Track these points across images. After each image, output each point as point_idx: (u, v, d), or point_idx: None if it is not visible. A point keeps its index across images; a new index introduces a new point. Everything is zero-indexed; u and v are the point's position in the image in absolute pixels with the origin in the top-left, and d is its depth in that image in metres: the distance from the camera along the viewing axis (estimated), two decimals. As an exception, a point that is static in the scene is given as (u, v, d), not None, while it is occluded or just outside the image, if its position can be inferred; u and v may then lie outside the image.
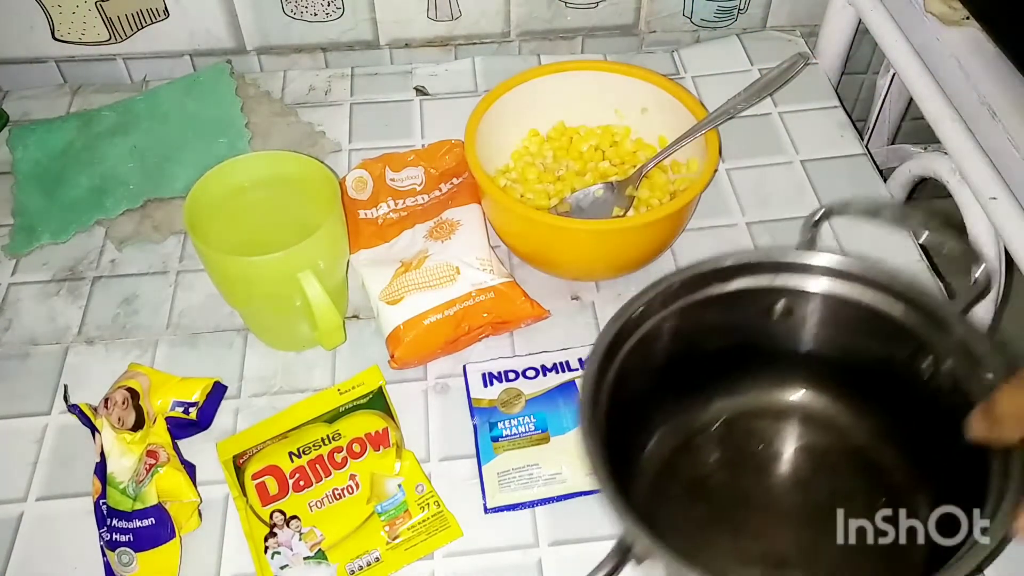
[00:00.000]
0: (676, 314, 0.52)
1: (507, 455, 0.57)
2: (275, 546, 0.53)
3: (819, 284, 0.53)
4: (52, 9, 0.81)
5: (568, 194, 0.68)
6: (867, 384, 0.54)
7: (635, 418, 0.54)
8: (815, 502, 0.54)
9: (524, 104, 0.70)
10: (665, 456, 0.55)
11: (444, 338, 0.61)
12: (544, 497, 0.55)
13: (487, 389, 0.61)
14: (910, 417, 0.52)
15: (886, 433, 0.54)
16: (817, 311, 0.54)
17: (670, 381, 0.55)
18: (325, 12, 0.84)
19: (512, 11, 0.86)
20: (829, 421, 0.56)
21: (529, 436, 0.58)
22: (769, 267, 0.53)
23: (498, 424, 0.58)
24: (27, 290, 0.69)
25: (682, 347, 0.54)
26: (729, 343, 0.56)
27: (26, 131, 0.79)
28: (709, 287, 0.53)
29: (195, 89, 0.81)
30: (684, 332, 0.53)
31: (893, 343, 0.51)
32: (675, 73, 0.86)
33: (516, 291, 0.63)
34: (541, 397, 0.60)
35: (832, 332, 0.54)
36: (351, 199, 0.70)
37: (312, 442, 0.57)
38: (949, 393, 0.48)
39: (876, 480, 0.53)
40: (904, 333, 0.50)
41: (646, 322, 0.51)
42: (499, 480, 0.56)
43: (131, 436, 0.56)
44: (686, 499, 0.55)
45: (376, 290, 0.64)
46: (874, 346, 0.52)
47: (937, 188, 0.73)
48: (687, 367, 0.55)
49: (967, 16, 0.68)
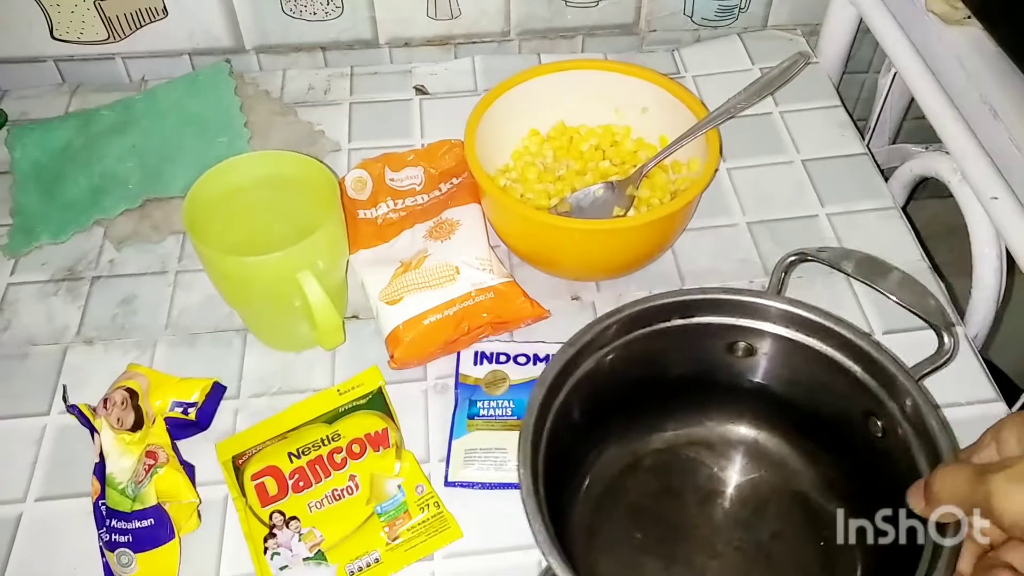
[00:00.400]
0: (635, 340, 0.53)
1: (479, 434, 0.58)
2: (274, 547, 0.53)
3: (780, 329, 0.53)
4: (51, 8, 0.81)
5: (568, 194, 0.68)
6: (820, 432, 0.55)
7: (586, 437, 0.54)
8: (753, 541, 0.54)
9: (524, 104, 0.70)
10: (612, 476, 0.56)
11: (444, 338, 0.61)
12: (504, 482, 0.56)
13: (476, 367, 0.62)
14: (858, 472, 0.53)
15: (832, 483, 0.54)
16: (779, 355, 0.54)
17: (626, 403, 0.55)
18: (324, 11, 0.84)
19: (512, 10, 0.86)
20: (778, 462, 0.56)
21: (504, 420, 0.58)
22: (732, 306, 0.53)
23: (478, 403, 0.59)
24: (26, 290, 0.69)
25: (641, 372, 0.54)
26: (688, 372, 0.56)
27: (25, 131, 0.79)
28: (671, 319, 0.53)
29: (194, 88, 0.81)
30: (643, 359, 0.54)
31: (850, 398, 0.51)
32: (676, 72, 0.85)
33: (516, 291, 0.63)
34: (525, 384, 0.60)
35: (791, 376, 0.55)
36: (350, 199, 0.70)
37: (312, 443, 0.57)
38: (898, 457, 0.48)
39: (816, 528, 0.53)
40: (861, 390, 0.50)
41: (604, 347, 0.52)
42: (465, 457, 0.57)
43: (130, 436, 0.56)
44: (627, 521, 0.55)
45: (375, 290, 0.64)
46: (831, 397, 0.53)
47: (938, 188, 0.73)
48: (644, 391, 0.55)
49: (968, 15, 0.68)
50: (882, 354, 0.49)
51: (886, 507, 0.47)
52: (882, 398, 0.50)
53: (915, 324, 0.55)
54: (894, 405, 0.49)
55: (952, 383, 0.61)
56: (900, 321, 0.62)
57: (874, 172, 0.76)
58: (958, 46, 0.68)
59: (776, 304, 0.53)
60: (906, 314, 0.54)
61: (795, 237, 0.70)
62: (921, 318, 0.53)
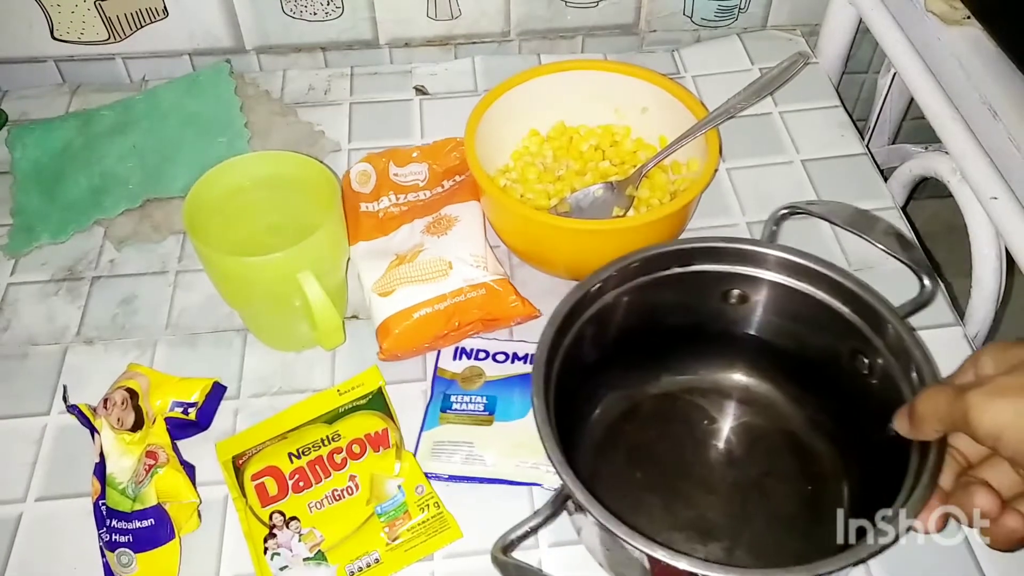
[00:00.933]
0: (635, 289, 0.56)
1: (449, 427, 0.58)
2: (275, 547, 0.53)
3: (774, 276, 0.56)
4: (51, 8, 0.81)
5: (568, 194, 0.68)
6: (808, 375, 0.58)
7: (587, 383, 0.57)
8: (746, 478, 0.57)
9: (524, 104, 0.70)
10: (612, 422, 0.59)
11: (433, 333, 0.61)
12: (465, 475, 0.56)
13: (455, 362, 0.62)
14: (844, 409, 0.56)
15: (820, 421, 0.58)
16: (771, 301, 0.57)
17: (624, 352, 0.58)
18: (324, 11, 0.84)
19: (512, 10, 0.86)
20: (769, 404, 0.60)
21: (474, 415, 0.59)
22: (729, 254, 0.56)
23: (451, 397, 0.60)
24: (26, 290, 0.69)
25: (638, 321, 0.57)
26: (683, 322, 0.59)
27: (25, 131, 0.79)
28: (669, 268, 0.56)
29: (194, 89, 0.81)
30: (642, 307, 0.57)
31: (838, 338, 0.54)
32: (675, 72, 0.85)
33: (508, 289, 0.63)
34: (500, 382, 0.60)
35: (782, 323, 0.58)
36: (354, 191, 0.71)
37: (312, 443, 0.57)
38: (882, 390, 0.52)
39: (805, 464, 0.57)
40: (849, 330, 0.54)
41: (605, 295, 0.55)
42: (432, 448, 0.57)
43: (130, 436, 0.56)
44: (626, 464, 0.58)
45: (370, 281, 0.64)
46: (820, 340, 0.56)
47: (938, 187, 0.73)
48: (642, 340, 0.59)
49: (968, 15, 0.68)
50: (870, 294, 0.52)
51: (871, 439, 0.51)
52: (868, 335, 0.53)
53: (893, 275, 0.60)
54: (880, 341, 0.52)
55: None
56: (880, 280, 0.63)
57: (874, 172, 0.76)
58: (958, 46, 0.68)
59: (771, 251, 0.55)
60: (886, 268, 0.61)
61: (794, 236, 0.70)
62: (905, 263, 0.57)
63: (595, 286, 0.54)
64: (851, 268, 0.66)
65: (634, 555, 0.45)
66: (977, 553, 0.53)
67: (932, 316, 0.65)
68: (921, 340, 0.51)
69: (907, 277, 0.57)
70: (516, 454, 0.56)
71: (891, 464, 0.48)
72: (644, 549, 0.43)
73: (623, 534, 0.43)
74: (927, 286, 0.56)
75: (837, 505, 0.54)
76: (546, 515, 0.47)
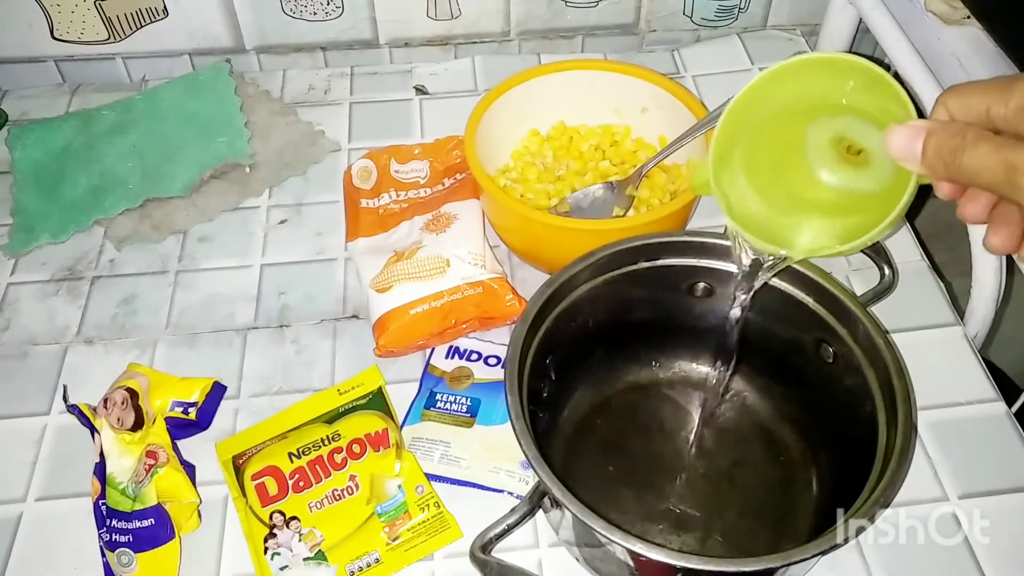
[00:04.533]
0: (603, 285, 0.56)
1: (430, 424, 0.58)
2: (275, 547, 0.53)
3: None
4: (51, 8, 0.81)
5: (568, 194, 0.68)
6: (774, 365, 0.59)
7: (558, 379, 0.57)
8: (717, 469, 0.58)
9: (524, 104, 0.70)
10: (583, 416, 0.60)
11: (430, 330, 0.61)
12: (440, 474, 0.56)
13: (446, 360, 0.62)
14: (811, 398, 0.57)
15: (787, 411, 0.59)
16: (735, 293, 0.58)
17: (594, 346, 0.59)
18: (324, 11, 0.84)
19: (512, 10, 0.86)
20: (737, 396, 0.61)
21: (456, 416, 0.59)
22: (695, 248, 0.57)
23: (437, 395, 0.60)
24: (26, 290, 0.69)
25: (607, 316, 0.58)
26: (651, 315, 0.60)
27: (25, 130, 0.79)
28: (636, 263, 0.56)
29: (194, 88, 0.81)
30: (610, 302, 0.57)
31: (803, 328, 0.55)
32: (675, 72, 0.85)
33: (505, 288, 0.63)
34: (487, 385, 0.60)
35: (747, 315, 0.57)
36: (354, 187, 0.71)
37: (312, 443, 0.57)
38: (848, 377, 0.53)
39: (774, 453, 0.58)
40: (813, 319, 0.55)
41: (574, 291, 0.56)
42: (409, 444, 0.58)
43: (130, 436, 0.56)
44: (599, 457, 0.58)
45: (368, 277, 0.64)
46: (785, 331, 0.57)
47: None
48: (610, 334, 0.59)
49: (968, 15, 0.68)
50: (832, 284, 0.53)
51: (837, 429, 0.54)
52: (832, 325, 0.53)
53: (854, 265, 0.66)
54: (844, 330, 0.53)
55: (952, 383, 0.61)
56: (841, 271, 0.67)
57: (874, 172, 0.76)
58: (957, 46, 0.68)
59: None
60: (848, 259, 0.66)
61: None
62: (865, 254, 0.61)
63: (564, 282, 0.55)
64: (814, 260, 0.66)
65: (610, 549, 0.46)
66: (977, 553, 0.54)
67: (932, 316, 0.65)
68: (884, 327, 0.52)
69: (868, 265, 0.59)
70: (492, 460, 0.56)
71: (859, 450, 0.49)
72: (620, 542, 0.43)
73: (600, 528, 0.43)
74: (887, 276, 0.58)
75: (807, 493, 0.55)
76: (523, 512, 0.47)
